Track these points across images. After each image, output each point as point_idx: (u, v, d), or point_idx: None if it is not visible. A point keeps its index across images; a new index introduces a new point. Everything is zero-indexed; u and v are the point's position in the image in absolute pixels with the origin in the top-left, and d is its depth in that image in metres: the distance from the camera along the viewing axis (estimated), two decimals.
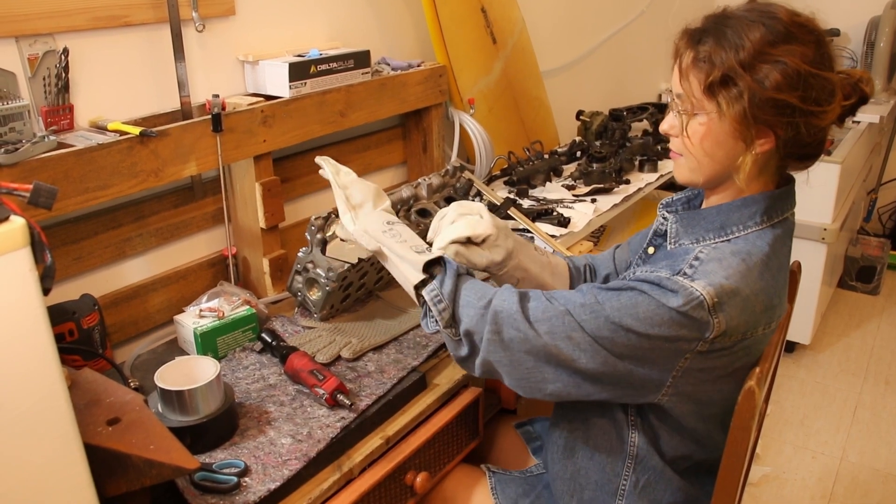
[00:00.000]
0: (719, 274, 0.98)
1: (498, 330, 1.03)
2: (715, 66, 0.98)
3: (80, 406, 0.94)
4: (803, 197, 1.12)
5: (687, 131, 1.04)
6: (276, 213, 1.57)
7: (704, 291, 0.96)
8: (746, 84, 0.97)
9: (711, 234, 1.06)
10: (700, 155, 1.05)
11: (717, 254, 1.01)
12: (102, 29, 1.32)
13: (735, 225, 1.06)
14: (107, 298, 1.39)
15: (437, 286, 1.08)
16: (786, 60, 0.96)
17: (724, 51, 0.98)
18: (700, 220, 1.08)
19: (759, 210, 1.05)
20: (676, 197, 1.21)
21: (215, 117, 1.40)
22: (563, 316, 1.01)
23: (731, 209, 1.06)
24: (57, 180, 1.18)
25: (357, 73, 1.70)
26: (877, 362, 2.96)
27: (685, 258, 1.02)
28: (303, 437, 1.12)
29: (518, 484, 1.30)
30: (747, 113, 0.97)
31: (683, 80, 1.02)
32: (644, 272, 1.03)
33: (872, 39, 3.36)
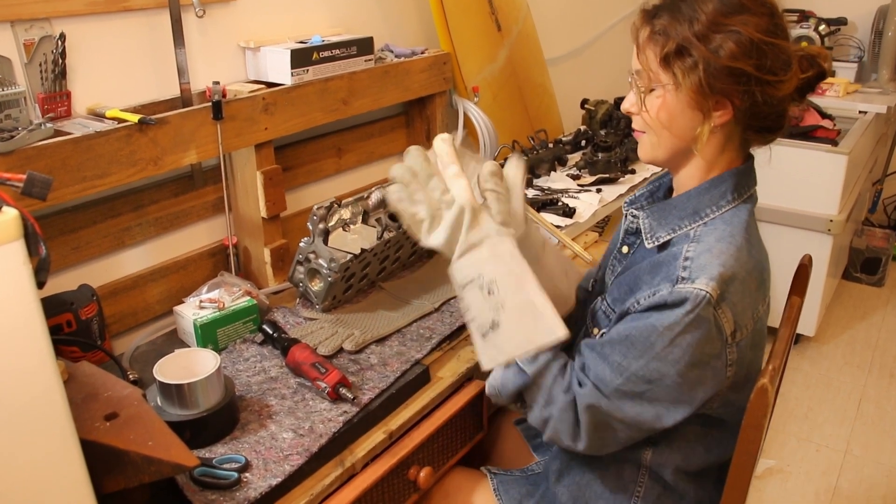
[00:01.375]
0: (714, 264, 0.98)
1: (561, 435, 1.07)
2: (670, 38, 0.99)
3: (77, 400, 0.92)
4: (810, 188, 1.12)
5: (645, 105, 1.04)
6: (278, 202, 1.55)
7: (708, 287, 0.95)
8: (701, 54, 0.97)
9: (686, 222, 1.06)
10: (658, 128, 1.05)
11: (704, 246, 1.01)
12: (101, 14, 1.30)
13: (707, 207, 1.05)
14: (105, 289, 1.37)
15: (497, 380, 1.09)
16: (739, 29, 0.97)
17: (679, 23, 0.99)
18: (671, 210, 1.08)
19: (727, 188, 1.05)
20: (639, 193, 1.20)
21: (216, 105, 1.37)
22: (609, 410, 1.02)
23: (700, 193, 1.06)
24: (54, 169, 1.16)
25: (360, 60, 1.67)
26: (881, 355, 2.95)
27: (675, 263, 1.01)
28: (304, 431, 1.11)
29: (521, 484, 1.28)
30: (703, 82, 0.98)
31: (640, 54, 1.03)
32: (642, 297, 1.02)
33: (880, 28, 3.32)
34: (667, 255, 1.04)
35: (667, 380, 0.98)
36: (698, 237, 1.03)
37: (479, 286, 1.00)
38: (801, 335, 2.98)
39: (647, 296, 1.01)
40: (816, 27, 3.40)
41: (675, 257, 1.02)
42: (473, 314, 1.02)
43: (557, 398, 1.03)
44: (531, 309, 0.98)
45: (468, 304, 1.02)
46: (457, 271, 1.02)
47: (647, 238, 1.09)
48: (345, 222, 1.43)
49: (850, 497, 2.22)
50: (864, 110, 3.06)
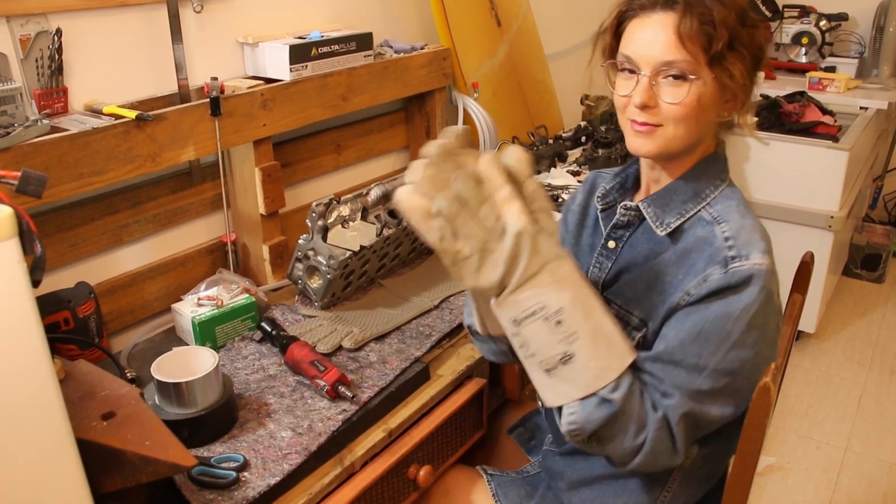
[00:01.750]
0: (756, 238, 0.98)
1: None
2: (721, 30, 0.96)
3: (74, 399, 0.92)
4: (810, 184, 1.11)
5: (686, 100, 0.99)
6: (277, 198, 1.54)
7: (765, 261, 0.96)
8: (745, 46, 0.98)
9: (690, 205, 1.05)
10: (687, 124, 1.01)
11: (735, 224, 1.00)
12: (97, 9, 1.29)
13: (706, 188, 1.05)
14: (103, 286, 1.36)
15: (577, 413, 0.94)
16: (755, 18, 0.98)
17: (728, 14, 0.97)
18: (672, 195, 1.07)
19: (719, 168, 1.07)
20: (609, 187, 1.17)
21: (214, 101, 1.36)
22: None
23: (696, 175, 1.06)
24: (50, 165, 1.15)
25: (359, 55, 1.66)
26: (882, 351, 2.94)
27: (715, 245, 0.99)
28: (303, 429, 1.10)
29: (519, 486, 1.26)
30: (745, 75, 0.99)
31: (681, 48, 0.98)
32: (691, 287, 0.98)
33: (882, 24, 3.31)
34: (694, 241, 1.02)
35: (747, 365, 0.96)
36: (719, 217, 1.02)
37: (545, 318, 0.88)
38: (802, 332, 2.97)
39: (697, 283, 0.98)
40: (817, 23, 3.38)
41: (710, 241, 1.00)
42: (535, 349, 0.90)
43: (650, 420, 0.95)
44: (603, 334, 0.91)
45: (527, 339, 0.89)
46: (511, 306, 0.88)
47: (656, 226, 1.07)
48: (344, 219, 1.43)
49: (850, 494, 2.22)
50: (864, 106, 3.05)
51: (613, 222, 1.13)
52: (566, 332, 0.88)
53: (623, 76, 1.05)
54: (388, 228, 1.45)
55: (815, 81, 3.16)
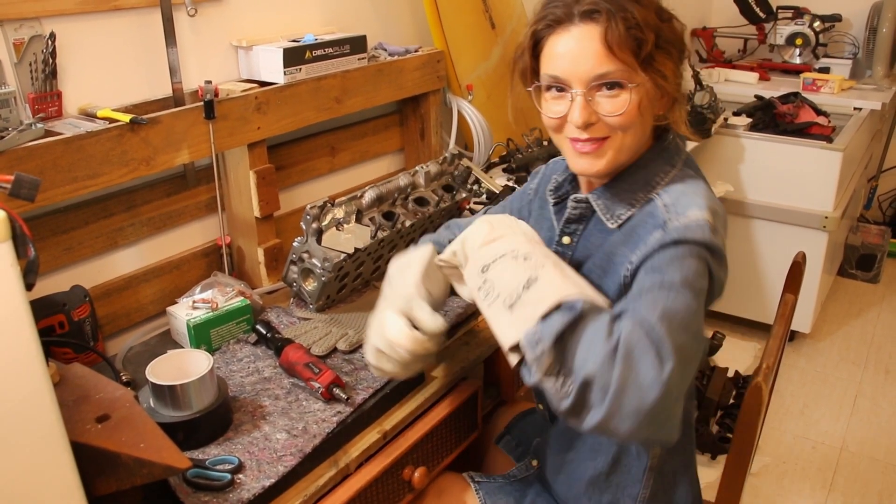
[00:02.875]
0: (695, 201, 0.96)
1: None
2: (648, 32, 0.95)
3: (69, 402, 0.92)
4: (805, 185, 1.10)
5: (626, 109, 0.97)
6: (271, 201, 1.54)
7: (703, 215, 0.94)
8: (670, 43, 0.97)
9: (640, 194, 1.03)
10: (633, 130, 1.00)
11: (675, 193, 0.99)
12: (91, 13, 1.29)
13: (656, 175, 1.03)
14: (98, 290, 1.36)
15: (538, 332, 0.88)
16: (672, 14, 0.98)
17: (648, 15, 0.95)
18: (621, 186, 1.04)
19: (668, 155, 1.04)
20: (561, 180, 1.15)
21: (208, 104, 1.37)
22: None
23: (644, 163, 1.04)
24: (45, 169, 1.15)
25: (353, 58, 1.66)
26: (877, 351, 2.95)
27: (655, 215, 0.98)
28: (298, 431, 1.10)
29: (507, 492, 1.24)
30: (676, 71, 0.98)
31: (610, 59, 0.95)
32: (635, 256, 0.96)
33: (875, 25, 3.32)
34: (637, 218, 1.01)
35: (700, 281, 0.91)
36: (660, 194, 1.01)
37: (513, 256, 0.95)
38: (797, 332, 2.98)
39: (640, 251, 0.96)
40: (811, 24, 3.40)
41: (652, 214, 0.99)
42: (500, 288, 0.92)
43: (622, 324, 0.85)
44: (571, 274, 0.94)
45: (493, 280, 0.93)
46: (482, 255, 0.97)
47: (606, 219, 1.04)
48: (338, 221, 1.43)
49: (845, 493, 2.22)
50: (858, 107, 3.06)
51: (566, 217, 1.11)
52: (533, 263, 0.92)
53: (551, 95, 1.02)
54: (383, 231, 1.45)
55: (809, 82, 3.17)
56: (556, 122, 1.02)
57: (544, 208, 1.20)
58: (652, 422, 0.81)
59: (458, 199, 1.64)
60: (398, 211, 1.51)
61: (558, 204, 1.15)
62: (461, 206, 1.71)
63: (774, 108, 2.95)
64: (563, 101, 1.00)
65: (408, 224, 1.50)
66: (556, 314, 0.86)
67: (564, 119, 1.00)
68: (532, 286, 0.90)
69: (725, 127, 2.86)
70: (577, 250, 1.10)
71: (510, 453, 1.39)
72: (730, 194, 2.85)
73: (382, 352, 1.09)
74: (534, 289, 0.89)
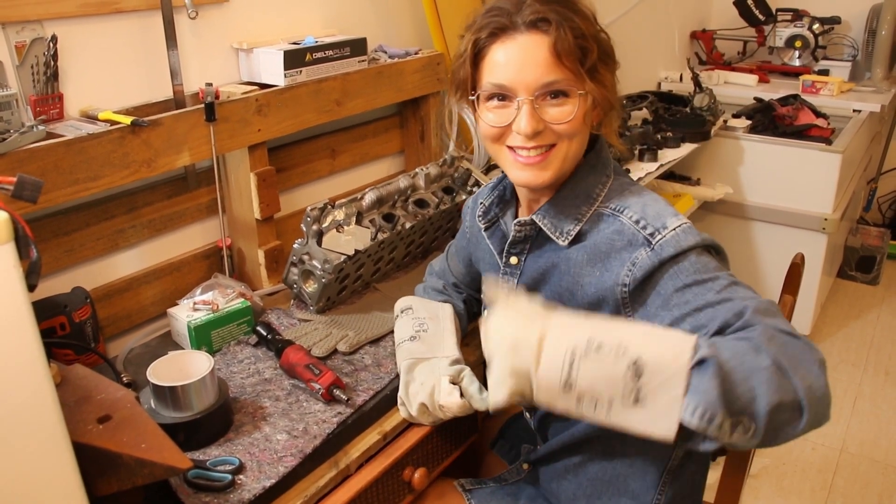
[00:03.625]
0: (661, 208, 0.99)
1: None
2: (592, 43, 0.96)
3: (70, 403, 0.92)
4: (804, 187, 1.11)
5: (572, 117, 0.98)
6: (272, 203, 1.55)
7: (681, 221, 0.96)
8: (606, 53, 0.99)
9: (584, 208, 1.03)
10: (578, 138, 1.01)
11: (637, 208, 0.99)
12: (92, 16, 1.29)
13: (595, 186, 1.04)
14: (99, 291, 1.36)
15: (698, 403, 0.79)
16: (602, 27, 1.00)
17: (591, 26, 0.97)
18: (563, 202, 1.04)
19: (601, 165, 1.05)
20: (489, 203, 1.16)
21: (209, 106, 1.37)
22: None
23: (582, 176, 1.04)
24: (46, 171, 1.16)
25: (353, 60, 1.67)
26: (876, 353, 2.95)
27: (626, 232, 0.98)
28: (298, 432, 1.11)
29: (499, 497, 1.24)
30: (612, 79, 1.00)
31: (558, 68, 0.95)
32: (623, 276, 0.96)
33: (874, 27, 3.33)
34: (604, 238, 1.00)
35: (724, 265, 0.97)
36: (618, 207, 1.01)
37: (584, 353, 0.82)
38: None
39: (626, 271, 0.95)
40: (810, 26, 3.40)
41: (621, 231, 0.98)
42: (603, 391, 0.81)
43: (749, 334, 0.83)
44: (651, 331, 0.87)
45: (590, 388, 0.82)
46: (546, 376, 0.84)
47: (557, 237, 1.04)
48: (338, 223, 1.43)
49: (845, 495, 2.23)
50: (858, 109, 3.07)
51: (511, 239, 1.10)
52: (613, 348, 0.81)
53: (493, 105, 1.01)
54: (383, 233, 1.46)
55: (808, 84, 3.18)
56: (497, 132, 1.01)
57: (479, 237, 1.20)
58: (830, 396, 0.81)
59: (458, 201, 1.65)
60: (398, 213, 1.52)
61: (489, 227, 1.16)
62: (461, 208, 1.71)
63: (774, 111, 2.95)
64: (507, 110, 0.99)
65: (408, 226, 1.51)
66: (697, 380, 0.78)
67: (506, 128, 1.00)
68: (643, 371, 0.80)
69: (725, 129, 2.86)
70: (525, 268, 1.11)
71: (504, 457, 1.39)
72: (729, 196, 2.85)
73: (426, 407, 1.14)
74: (647, 371, 0.79)
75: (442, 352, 1.20)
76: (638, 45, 3.22)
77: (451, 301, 1.34)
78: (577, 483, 1.17)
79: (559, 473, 1.20)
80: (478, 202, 1.20)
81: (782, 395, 0.78)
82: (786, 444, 2.38)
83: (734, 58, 3.75)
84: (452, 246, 1.37)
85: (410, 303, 1.31)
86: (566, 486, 1.19)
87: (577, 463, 1.16)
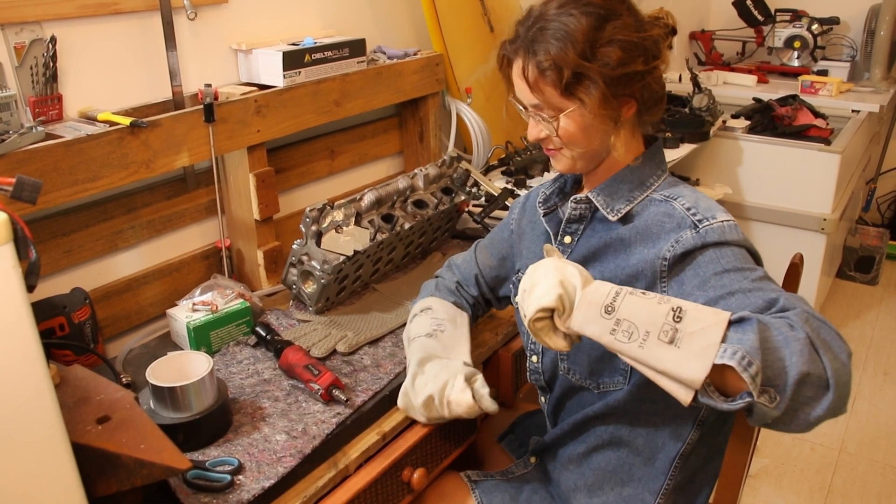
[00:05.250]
0: (714, 205, 1.04)
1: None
2: (562, 69, 1.00)
3: (70, 404, 0.92)
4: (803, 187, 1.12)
5: (559, 133, 1.06)
6: (271, 204, 1.55)
7: (730, 217, 1.02)
8: (596, 72, 1.00)
9: (637, 192, 1.10)
10: (579, 145, 1.07)
11: (691, 198, 1.05)
12: (91, 17, 1.30)
13: (649, 178, 1.10)
14: (98, 292, 1.37)
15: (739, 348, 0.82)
16: (619, 37, 1.00)
17: (563, 51, 1.00)
18: (618, 185, 1.11)
19: (657, 161, 1.12)
20: (549, 192, 1.21)
21: (208, 107, 1.37)
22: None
23: (639, 167, 1.11)
24: (45, 172, 1.16)
25: (352, 61, 1.67)
26: (875, 353, 2.95)
27: (676, 216, 1.03)
28: (298, 433, 1.11)
29: (503, 489, 1.24)
30: (606, 95, 1.01)
31: (535, 91, 1.04)
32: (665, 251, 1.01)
33: (873, 28, 3.33)
34: (653, 218, 1.06)
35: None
36: (671, 195, 1.07)
37: (629, 293, 0.89)
38: None
39: (669, 246, 1.01)
40: (809, 27, 3.41)
41: (671, 214, 1.04)
42: (642, 322, 0.86)
43: (788, 314, 0.87)
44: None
45: (630, 317, 0.87)
46: (594, 297, 0.90)
47: (607, 212, 1.10)
48: (337, 224, 1.43)
49: (844, 495, 2.23)
50: (856, 109, 3.07)
51: (567, 217, 1.16)
52: (657, 296, 0.89)
53: (522, 111, 1.11)
54: (382, 233, 1.46)
55: (807, 85, 3.18)
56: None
57: (535, 223, 1.25)
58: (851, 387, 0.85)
59: (456, 202, 1.65)
60: (397, 213, 1.52)
61: (548, 214, 1.20)
62: (460, 209, 1.72)
63: (773, 111, 2.96)
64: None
65: (407, 226, 1.51)
66: (736, 333, 0.83)
67: None
68: (683, 317, 0.85)
69: (724, 129, 2.86)
70: (577, 247, 1.15)
71: (512, 452, 1.39)
72: (728, 196, 2.85)
73: (432, 401, 1.15)
74: (686, 319, 0.85)
75: (457, 355, 1.23)
76: None
77: (462, 304, 1.35)
78: (580, 473, 1.18)
79: (563, 463, 1.21)
80: (535, 196, 1.25)
81: (811, 367, 0.81)
82: (785, 445, 2.38)
83: (733, 58, 3.75)
84: (485, 240, 1.38)
85: (431, 303, 1.32)
86: (568, 476, 1.20)
87: (582, 452, 1.18)
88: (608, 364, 1.11)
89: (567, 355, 1.15)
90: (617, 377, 1.11)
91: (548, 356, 1.20)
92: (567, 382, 1.18)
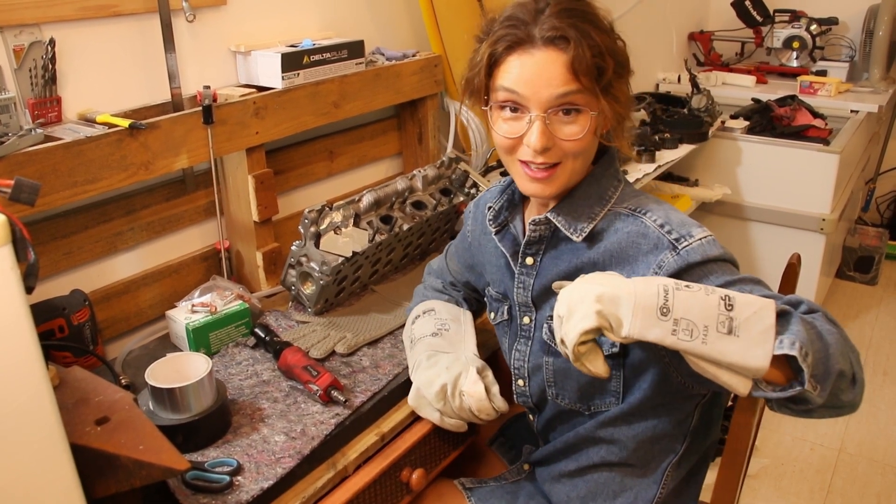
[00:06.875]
0: (685, 218, 0.99)
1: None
2: (607, 59, 0.95)
3: (69, 405, 0.92)
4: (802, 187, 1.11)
5: (581, 136, 0.97)
6: (270, 205, 1.55)
7: (707, 232, 0.97)
8: (624, 67, 0.99)
9: (597, 208, 1.04)
10: (587, 156, 1.02)
11: (661, 213, 1.00)
12: (90, 19, 1.30)
13: (607, 189, 1.05)
14: (97, 294, 1.37)
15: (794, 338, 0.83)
16: (619, 35, 0.99)
17: (611, 41, 0.97)
18: (577, 202, 1.04)
19: (613, 171, 1.07)
20: (498, 207, 1.14)
21: (206, 109, 1.38)
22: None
23: (592, 181, 1.05)
24: (44, 174, 1.16)
25: (351, 63, 1.67)
26: (875, 353, 2.95)
27: (650, 235, 0.98)
28: (296, 434, 1.11)
29: (498, 496, 1.24)
30: (630, 92, 1.00)
31: (578, 80, 0.94)
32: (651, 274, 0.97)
33: (871, 28, 3.33)
34: (624, 237, 1.00)
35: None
36: (639, 209, 1.01)
37: (676, 288, 0.85)
38: None
39: (651, 273, 0.96)
40: (808, 27, 3.41)
41: (644, 233, 0.99)
42: (699, 317, 0.83)
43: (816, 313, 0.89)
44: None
45: (685, 314, 0.83)
46: (646, 301, 0.84)
47: (571, 233, 1.04)
48: (336, 225, 1.44)
49: (844, 495, 2.23)
50: (855, 109, 3.07)
51: (526, 240, 1.10)
52: (701, 288, 0.85)
53: (506, 115, 1.00)
54: (381, 234, 1.46)
55: (806, 85, 3.18)
56: (510, 143, 1.01)
57: (486, 240, 1.20)
58: None
59: (455, 203, 1.65)
60: (396, 215, 1.52)
61: (500, 231, 1.15)
62: (458, 210, 1.72)
63: (771, 111, 2.96)
64: (519, 122, 0.99)
65: (405, 228, 1.51)
66: (784, 324, 0.84)
67: (518, 140, 1.00)
68: (735, 303, 0.84)
69: (723, 130, 2.87)
70: (541, 269, 1.10)
71: (503, 456, 1.39)
72: (727, 197, 2.86)
73: (445, 390, 1.14)
74: (738, 306, 0.84)
75: (464, 351, 1.22)
76: (636, 47, 3.21)
77: (453, 300, 1.35)
78: (573, 485, 1.17)
79: (555, 477, 1.20)
80: (483, 206, 1.19)
81: (846, 361, 0.85)
82: (785, 445, 2.38)
83: (732, 59, 3.75)
84: (452, 247, 1.37)
85: (433, 305, 1.31)
86: (560, 488, 1.19)
87: (573, 470, 1.17)
88: (599, 387, 1.08)
89: (555, 381, 1.12)
90: (609, 398, 1.08)
91: (535, 380, 1.16)
92: (557, 406, 1.16)
